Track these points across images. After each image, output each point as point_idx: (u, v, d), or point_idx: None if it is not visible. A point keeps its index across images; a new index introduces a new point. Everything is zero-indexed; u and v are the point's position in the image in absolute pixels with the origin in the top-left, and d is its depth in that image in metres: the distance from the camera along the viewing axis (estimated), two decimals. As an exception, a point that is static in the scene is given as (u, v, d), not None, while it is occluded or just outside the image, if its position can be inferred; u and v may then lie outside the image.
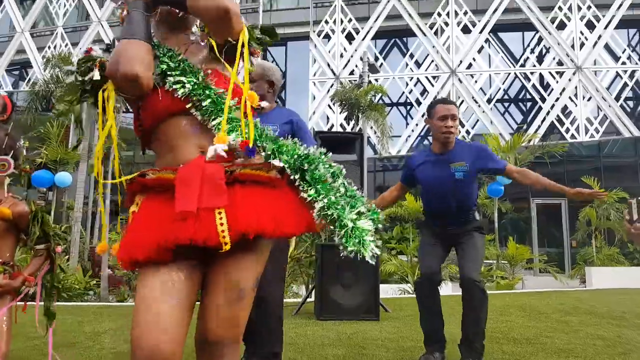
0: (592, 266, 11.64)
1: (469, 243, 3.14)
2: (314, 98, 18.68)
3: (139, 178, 1.50)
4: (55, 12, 21.61)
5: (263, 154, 1.52)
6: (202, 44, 1.68)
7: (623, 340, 3.91)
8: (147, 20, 1.56)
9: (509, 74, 18.84)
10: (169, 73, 1.54)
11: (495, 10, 18.26)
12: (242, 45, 1.55)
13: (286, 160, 1.51)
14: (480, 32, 18.33)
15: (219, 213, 1.37)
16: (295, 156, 1.52)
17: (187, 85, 1.52)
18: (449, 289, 7.90)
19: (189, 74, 1.54)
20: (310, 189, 1.48)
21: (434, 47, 18.50)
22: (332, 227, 1.47)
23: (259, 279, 1.50)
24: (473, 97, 17.93)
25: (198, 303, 1.48)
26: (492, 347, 3.52)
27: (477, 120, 17.93)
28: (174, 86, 1.52)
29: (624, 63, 18.12)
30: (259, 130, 1.53)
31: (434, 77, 18.36)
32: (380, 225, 1.50)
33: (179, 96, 1.51)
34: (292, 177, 1.50)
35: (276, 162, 1.50)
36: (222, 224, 1.35)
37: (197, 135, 1.51)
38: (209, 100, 1.51)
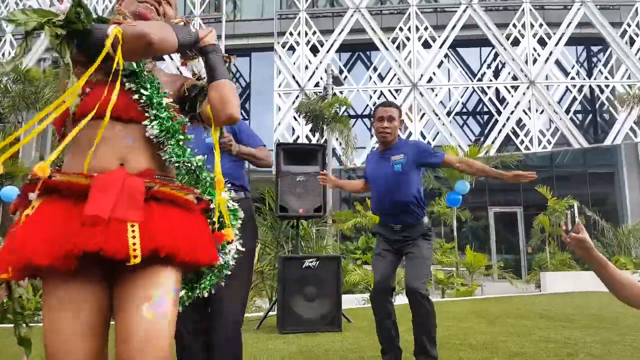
0: (546, 271, 12.21)
1: (416, 254, 3.27)
2: (279, 109, 18.81)
3: (46, 179, 1.35)
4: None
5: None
6: (184, 69, 1.78)
7: (571, 341, 4.18)
8: (193, 43, 1.60)
9: (467, 87, 19.50)
10: (139, 76, 1.53)
11: (454, 26, 18.89)
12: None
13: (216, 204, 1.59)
14: (440, 47, 18.90)
15: (132, 227, 1.29)
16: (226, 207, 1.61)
17: (153, 98, 1.51)
18: (405, 299, 8.15)
19: (156, 90, 1.54)
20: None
21: (396, 61, 18.97)
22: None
23: (178, 293, 1.41)
24: (434, 110, 18.48)
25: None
26: (449, 354, 3.67)
27: (438, 132, 18.50)
28: (142, 90, 1.51)
29: (573, 78, 19.05)
30: (201, 168, 1.61)
31: (396, 90, 18.83)
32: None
33: (139, 103, 1.49)
34: (214, 219, 1.57)
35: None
36: (134, 237, 1.27)
37: (124, 147, 1.46)
38: (167, 122, 1.51)
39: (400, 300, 6.51)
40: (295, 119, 17.89)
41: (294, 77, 19.08)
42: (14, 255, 1.25)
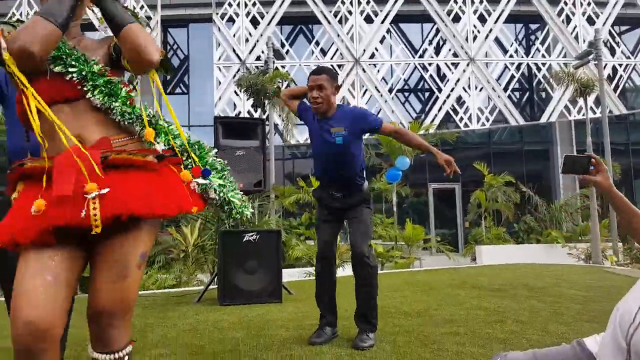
0: (482, 245, 12.57)
1: (358, 218, 3.27)
2: (220, 83, 18.26)
3: (18, 167, 1.56)
4: None
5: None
6: (99, 35, 1.79)
7: (500, 309, 4.24)
8: (75, 4, 1.57)
9: (409, 64, 19.60)
10: (63, 57, 1.57)
11: (396, 0, 18.85)
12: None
13: (179, 144, 1.71)
14: (382, 22, 18.84)
15: (93, 198, 1.43)
16: (188, 142, 1.73)
17: (83, 71, 1.57)
18: (349, 270, 8.16)
19: (84, 62, 1.59)
20: (210, 181, 1.70)
21: (338, 35, 18.76)
22: (219, 207, 1.73)
23: (145, 257, 1.58)
24: (376, 87, 18.48)
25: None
26: (385, 321, 3.68)
27: (380, 109, 18.54)
28: (70, 69, 1.56)
29: (511, 56, 19.51)
30: (155, 118, 1.70)
31: (339, 66, 18.60)
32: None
33: (74, 80, 1.56)
34: (183, 159, 1.69)
35: (158, 147, 1.64)
36: (94, 208, 1.41)
37: (77, 125, 1.57)
38: (105, 88, 1.59)
39: (340, 272, 6.45)
40: (237, 94, 17.41)
41: (234, 50, 18.53)
42: (4, 235, 1.44)
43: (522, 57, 19.88)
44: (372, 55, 18.90)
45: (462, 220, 17.52)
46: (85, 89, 1.57)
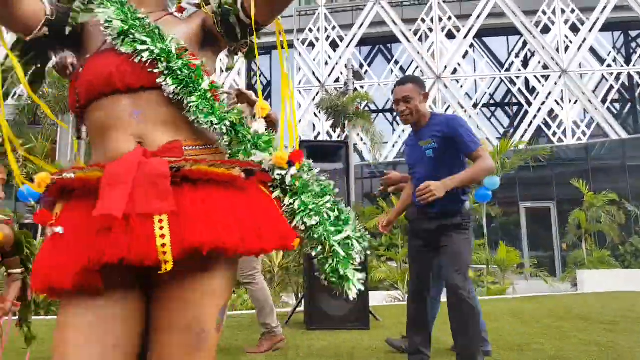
0: (583, 269, 11.52)
1: (449, 246, 2.90)
2: (300, 106, 18.57)
3: (58, 179, 1.10)
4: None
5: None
6: (180, 15, 1.33)
7: (613, 345, 3.77)
8: None
9: (495, 78, 18.85)
10: (132, 32, 1.17)
11: (479, 15, 18.29)
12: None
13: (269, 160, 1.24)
14: (465, 37, 18.34)
15: (160, 221, 1.00)
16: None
17: (154, 49, 1.16)
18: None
19: (158, 38, 1.18)
20: (295, 200, 1.21)
21: (418, 53, 18.48)
22: (312, 248, 1.23)
23: (226, 312, 1.14)
24: (459, 102, 17.89)
25: None
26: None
27: (465, 125, 17.89)
28: (139, 47, 1.16)
29: (609, 65, 18.18)
30: (244, 121, 1.28)
31: (419, 83, 18.29)
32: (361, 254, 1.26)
33: (143, 61, 1.15)
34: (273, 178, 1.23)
35: (256, 157, 1.22)
36: (163, 236, 0.99)
37: (136, 122, 1.15)
38: (182, 73, 1.16)
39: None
40: (316, 116, 17.59)
41: (314, 73, 18.82)
42: (37, 277, 1.06)
43: (622, 66, 18.45)
44: (455, 71, 18.40)
45: (559, 242, 16.29)
46: (156, 71, 1.15)
